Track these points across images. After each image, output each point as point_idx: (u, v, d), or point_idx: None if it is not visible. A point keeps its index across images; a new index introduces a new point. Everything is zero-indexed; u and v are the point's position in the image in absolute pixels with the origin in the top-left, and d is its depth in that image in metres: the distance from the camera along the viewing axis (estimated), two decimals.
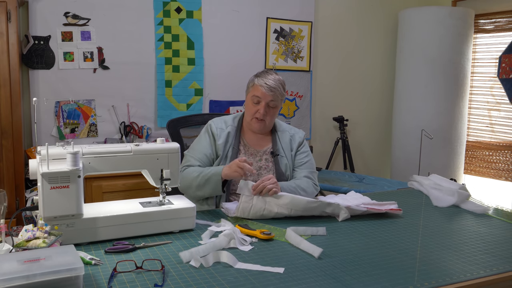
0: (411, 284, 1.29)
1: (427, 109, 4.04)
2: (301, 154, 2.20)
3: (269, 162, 2.15)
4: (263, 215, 1.83)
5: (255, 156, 2.16)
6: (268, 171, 2.13)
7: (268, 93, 2.07)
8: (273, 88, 2.07)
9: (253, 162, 2.13)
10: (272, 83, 2.08)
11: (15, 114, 2.78)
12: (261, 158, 2.16)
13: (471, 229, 1.78)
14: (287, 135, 2.22)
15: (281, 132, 2.23)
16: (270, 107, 2.10)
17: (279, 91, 2.10)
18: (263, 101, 2.08)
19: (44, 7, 3.17)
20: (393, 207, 1.93)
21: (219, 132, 2.14)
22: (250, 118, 2.13)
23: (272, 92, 2.07)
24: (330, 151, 4.17)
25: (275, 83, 2.09)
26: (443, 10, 4.00)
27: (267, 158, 2.16)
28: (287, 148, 2.19)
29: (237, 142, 2.15)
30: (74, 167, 1.49)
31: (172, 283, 1.28)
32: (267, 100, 2.08)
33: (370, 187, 3.01)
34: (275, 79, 2.11)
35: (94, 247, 1.52)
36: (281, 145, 2.19)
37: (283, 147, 2.18)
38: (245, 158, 1.94)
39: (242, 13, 3.78)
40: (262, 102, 2.08)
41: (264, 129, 2.16)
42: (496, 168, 4.24)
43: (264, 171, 2.13)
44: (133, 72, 3.46)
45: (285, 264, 1.42)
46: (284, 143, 2.19)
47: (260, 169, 2.14)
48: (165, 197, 1.75)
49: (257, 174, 2.12)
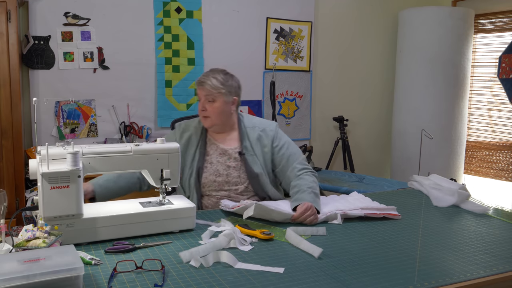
0: (411, 284, 1.29)
1: (427, 109, 4.04)
2: (280, 149, 2.14)
3: (239, 161, 2.11)
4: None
5: (224, 155, 2.12)
6: (237, 170, 2.10)
7: (201, 87, 2.09)
8: (204, 83, 2.07)
9: (222, 162, 2.10)
10: (202, 78, 2.10)
11: (15, 114, 2.78)
12: (230, 157, 2.12)
13: (471, 229, 1.78)
14: (256, 131, 2.15)
15: (250, 128, 2.17)
16: (209, 101, 2.08)
17: (212, 85, 2.06)
18: (202, 97, 2.10)
19: (44, 7, 3.17)
20: (392, 212, 1.92)
21: (180, 133, 2.17)
22: (201, 117, 2.14)
23: (202, 86, 2.08)
24: (330, 151, 4.17)
25: (207, 77, 2.09)
26: (443, 10, 4.00)
27: (237, 157, 2.12)
28: (257, 146, 2.13)
29: (203, 142, 2.14)
30: (74, 167, 1.49)
31: (172, 283, 1.28)
32: (203, 96, 2.09)
33: (370, 187, 3.01)
34: (208, 75, 2.10)
35: (94, 247, 1.52)
36: (250, 143, 2.13)
37: (253, 145, 2.13)
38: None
39: (242, 13, 3.77)
40: (202, 99, 2.10)
41: (212, 125, 2.12)
42: (496, 168, 4.24)
43: (233, 171, 2.10)
44: (133, 72, 3.46)
45: (285, 264, 1.42)
46: (254, 140, 2.13)
47: (229, 169, 2.10)
48: (165, 197, 1.75)
49: (226, 174, 2.09)
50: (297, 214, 1.79)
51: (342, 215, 1.85)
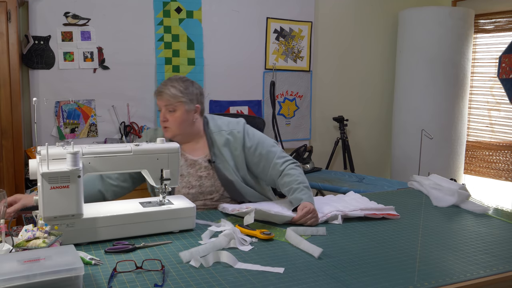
0: (411, 284, 1.29)
1: (427, 109, 4.04)
2: (255, 149, 2.04)
3: (210, 170, 2.03)
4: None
5: (194, 166, 2.04)
6: (210, 179, 2.02)
7: (160, 98, 2.00)
8: (163, 93, 1.99)
9: (193, 173, 2.03)
10: (160, 87, 2.01)
11: (15, 114, 2.78)
12: (201, 167, 2.03)
13: (471, 229, 1.78)
14: (223, 136, 2.05)
15: (216, 133, 2.06)
16: (169, 111, 1.99)
17: (170, 94, 1.98)
18: (161, 107, 2.02)
19: (44, 7, 3.17)
20: (390, 212, 1.92)
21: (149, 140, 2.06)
22: (162, 128, 2.05)
23: (161, 96, 1.99)
24: (330, 151, 4.17)
25: (165, 86, 2.00)
26: (443, 10, 4.00)
27: (207, 166, 2.04)
28: (226, 151, 2.04)
29: None
30: (74, 167, 1.49)
31: (172, 283, 1.28)
32: (162, 106, 2.01)
33: (370, 187, 3.01)
34: (166, 83, 2.01)
35: (94, 247, 1.52)
36: (218, 149, 2.04)
37: (222, 151, 2.03)
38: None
39: (242, 13, 3.77)
40: (162, 109, 2.02)
41: (174, 136, 2.02)
42: (496, 168, 4.24)
43: (205, 181, 2.02)
44: (133, 72, 3.46)
45: (285, 264, 1.42)
46: (222, 146, 2.04)
47: (201, 179, 2.02)
48: (165, 197, 1.75)
49: (199, 185, 2.02)
50: (298, 216, 1.78)
51: (342, 216, 1.85)
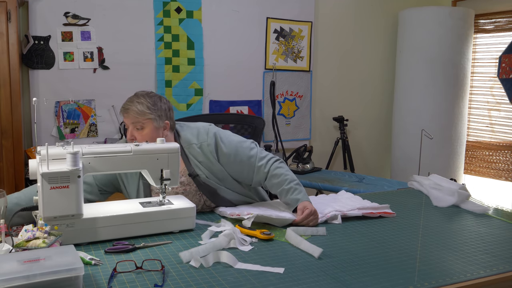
0: (411, 284, 1.29)
1: (427, 109, 4.04)
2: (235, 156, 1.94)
3: (186, 185, 1.95)
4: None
5: None
6: (187, 195, 1.93)
7: (127, 115, 1.88)
8: (129, 110, 1.87)
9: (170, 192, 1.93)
10: (126, 104, 1.89)
11: (15, 114, 2.78)
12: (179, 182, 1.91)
13: (471, 229, 1.78)
14: (195, 148, 1.93)
15: (187, 148, 1.94)
16: (137, 129, 1.88)
17: (137, 111, 1.86)
18: (128, 125, 1.90)
19: (44, 7, 3.17)
20: (386, 210, 1.93)
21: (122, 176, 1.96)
22: None
23: (128, 114, 1.87)
24: (330, 151, 4.17)
25: (131, 103, 1.88)
26: (443, 10, 4.00)
27: (183, 181, 1.94)
28: (203, 162, 1.93)
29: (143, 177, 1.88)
30: (74, 167, 1.49)
31: (172, 283, 1.28)
32: (129, 123, 1.89)
33: (370, 187, 3.01)
34: (132, 100, 1.89)
35: (94, 247, 1.52)
36: (194, 163, 1.93)
37: (196, 163, 1.93)
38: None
39: (242, 13, 3.77)
40: (129, 127, 1.90)
41: None
42: (496, 168, 4.24)
43: (189, 196, 1.94)
44: (133, 72, 3.46)
45: (285, 264, 1.42)
46: (198, 158, 1.93)
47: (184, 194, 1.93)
48: (165, 197, 1.75)
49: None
50: (300, 219, 1.77)
51: (341, 216, 1.86)
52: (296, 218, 1.78)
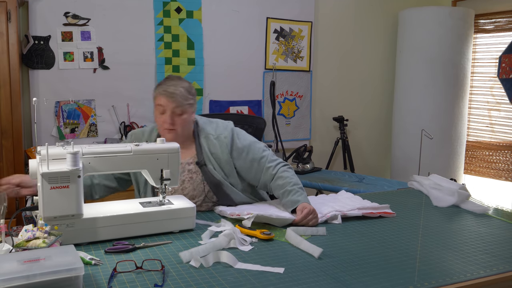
0: (411, 284, 1.29)
1: (427, 109, 4.04)
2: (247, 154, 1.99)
3: (193, 173, 1.97)
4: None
5: None
6: (192, 183, 1.97)
7: (169, 100, 1.89)
8: (174, 94, 1.89)
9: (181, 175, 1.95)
10: (172, 89, 1.90)
11: (15, 114, 2.78)
12: (184, 170, 1.97)
13: (471, 229, 1.78)
14: (211, 139, 1.99)
15: (204, 137, 1.99)
16: (177, 114, 1.91)
17: (182, 96, 1.90)
18: (168, 109, 1.90)
19: (44, 7, 3.17)
20: (386, 210, 1.93)
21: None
22: (162, 129, 1.95)
23: (173, 99, 1.89)
24: (330, 151, 4.17)
25: (176, 88, 1.91)
26: (443, 10, 4.00)
27: (191, 169, 1.97)
28: (214, 154, 1.97)
29: None
30: (74, 167, 1.49)
31: (172, 283, 1.28)
32: (170, 108, 1.90)
33: (370, 187, 3.01)
34: (176, 84, 1.92)
35: (94, 247, 1.52)
36: (205, 153, 1.97)
37: (209, 154, 1.97)
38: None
39: (242, 13, 3.77)
40: (167, 111, 1.91)
41: (179, 138, 1.92)
42: (496, 168, 4.24)
43: (188, 184, 1.97)
44: (133, 72, 3.46)
45: (285, 264, 1.42)
46: (210, 149, 1.98)
47: (183, 183, 1.97)
48: (165, 197, 1.75)
49: (181, 188, 1.96)
50: (299, 218, 1.78)
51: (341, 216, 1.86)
52: (296, 218, 1.78)
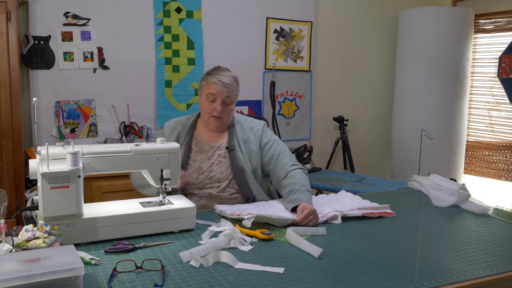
0: (411, 284, 1.29)
1: (427, 109, 4.04)
2: (270, 147, 2.14)
3: (222, 158, 2.11)
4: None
5: (207, 152, 2.12)
6: (220, 167, 2.09)
7: (223, 89, 2.06)
8: (228, 84, 2.07)
9: (206, 159, 2.11)
10: (226, 80, 2.07)
11: (15, 114, 2.78)
12: (213, 154, 2.12)
13: (471, 229, 1.78)
14: (244, 129, 2.17)
15: (238, 126, 2.18)
16: (226, 103, 2.08)
17: (233, 86, 2.09)
18: (219, 98, 2.06)
19: (44, 7, 3.17)
20: (386, 210, 1.93)
21: (169, 132, 2.16)
22: (208, 117, 2.11)
23: (227, 88, 2.06)
24: (330, 151, 4.17)
25: (229, 79, 2.09)
26: (443, 10, 4.00)
27: (221, 153, 2.12)
28: (244, 142, 2.14)
29: (189, 139, 2.14)
30: (74, 167, 1.49)
31: (172, 283, 1.28)
32: (222, 97, 2.06)
33: (370, 187, 3.01)
34: (228, 75, 2.10)
35: (94, 247, 1.52)
36: (237, 140, 2.13)
37: (239, 142, 2.13)
38: None
39: (242, 13, 3.77)
40: (218, 99, 2.06)
41: (222, 126, 2.14)
42: (496, 168, 4.24)
43: (216, 167, 2.10)
44: (133, 72, 3.46)
45: (285, 264, 1.42)
46: (241, 137, 2.14)
47: (212, 166, 2.10)
48: (165, 197, 1.75)
49: (209, 170, 2.09)
50: (299, 219, 1.78)
51: (341, 216, 1.86)
52: (296, 218, 1.78)
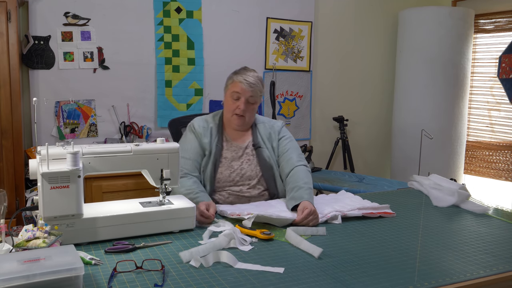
0: (411, 284, 1.29)
1: (427, 109, 4.04)
2: (284, 140, 2.22)
3: (250, 156, 2.17)
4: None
5: (238, 151, 2.17)
6: (250, 164, 2.15)
7: (248, 89, 2.11)
8: (253, 84, 2.12)
9: (236, 157, 2.15)
10: (251, 79, 2.13)
11: (15, 114, 2.78)
12: (243, 153, 2.18)
13: (471, 229, 1.78)
14: (266, 127, 2.24)
15: (260, 124, 2.25)
16: (249, 103, 2.13)
17: (258, 87, 2.15)
18: (243, 97, 2.11)
19: (44, 7, 3.17)
20: (386, 210, 1.94)
21: (203, 130, 2.17)
22: (230, 114, 2.16)
23: (251, 88, 2.11)
24: (330, 151, 4.17)
25: (254, 79, 2.14)
26: (443, 10, 4.00)
27: (249, 151, 2.18)
28: (267, 139, 2.21)
29: (219, 138, 2.18)
30: (74, 167, 1.49)
31: (172, 283, 1.28)
32: (246, 96, 2.11)
33: (370, 187, 3.01)
34: (253, 75, 2.16)
35: (94, 247, 1.52)
36: (261, 137, 2.21)
37: (263, 139, 2.21)
38: (205, 206, 1.83)
39: (242, 13, 3.77)
40: (242, 98, 2.11)
41: (244, 125, 2.18)
42: (496, 168, 4.24)
43: (246, 165, 2.15)
44: (133, 72, 3.46)
45: (285, 264, 1.42)
46: (264, 135, 2.22)
47: (242, 164, 2.15)
48: (165, 197, 1.75)
49: (240, 168, 2.13)
50: (299, 219, 1.78)
51: (342, 216, 1.86)
52: (296, 218, 1.78)
